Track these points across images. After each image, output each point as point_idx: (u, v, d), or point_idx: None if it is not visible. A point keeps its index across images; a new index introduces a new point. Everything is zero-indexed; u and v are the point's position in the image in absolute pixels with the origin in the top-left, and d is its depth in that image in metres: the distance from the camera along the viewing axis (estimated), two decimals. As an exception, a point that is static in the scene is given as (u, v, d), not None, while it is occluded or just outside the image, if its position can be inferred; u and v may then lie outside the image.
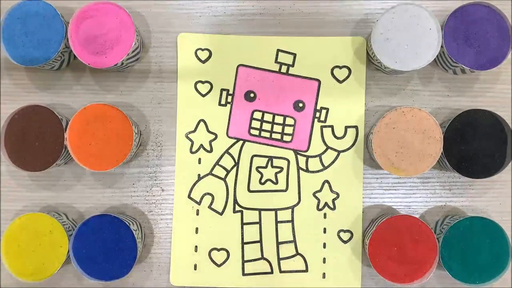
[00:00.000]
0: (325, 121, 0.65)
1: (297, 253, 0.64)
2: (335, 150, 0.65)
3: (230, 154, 0.65)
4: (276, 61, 0.65)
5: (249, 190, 0.65)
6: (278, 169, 0.65)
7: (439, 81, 0.65)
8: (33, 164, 0.60)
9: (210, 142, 0.65)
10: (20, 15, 0.60)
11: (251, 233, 0.65)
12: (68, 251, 0.60)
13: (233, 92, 0.65)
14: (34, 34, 0.60)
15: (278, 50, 0.65)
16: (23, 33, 0.60)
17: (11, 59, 0.60)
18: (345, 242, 0.64)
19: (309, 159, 0.65)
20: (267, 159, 0.65)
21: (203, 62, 0.65)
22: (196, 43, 0.65)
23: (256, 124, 0.65)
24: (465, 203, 0.65)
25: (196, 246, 0.65)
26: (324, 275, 0.64)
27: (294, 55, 0.65)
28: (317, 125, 0.65)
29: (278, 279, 0.64)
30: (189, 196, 0.65)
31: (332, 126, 0.65)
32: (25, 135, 0.60)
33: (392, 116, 0.60)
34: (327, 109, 0.65)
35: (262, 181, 0.65)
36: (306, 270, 0.64)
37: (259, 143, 0.65)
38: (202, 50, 0.65)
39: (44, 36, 0.60)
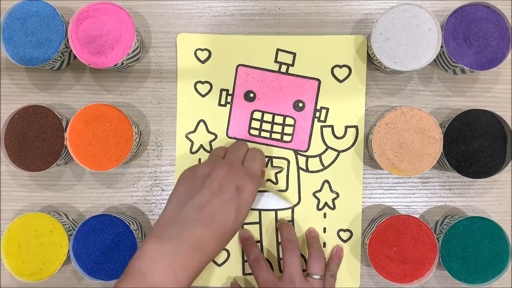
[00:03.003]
0: (325, 121, 0.65)
1: (297, 253, 0.65)
2: (335, 150, 0.65)
3: (230, 154, 0.65)
4: (275, 61, 0.65)
5: (249, 190, 0.65)
6: (278, 169, 0.65)
7: (439, 81, 0.65)
8: (33, 164, 0.60)
9: (210, 142, 0.65)
10: (20, 15, 0.60)
11: (251, 233, 0.65)
12: (68, 251, 0.60)
13: (233, 92, 0.65)
14: (34, 34, 0.60)
15: (278, 50, 0.65)
16: (23, 33, 0.60)
17: (11, 59, 0.60)
18: (344, 241, 0.65)
19: (309, 159, 0.65)
20: (267, 159, 0.65)
21: (203, 62, 0.65)
22: (196, 43, 0.65)
23: (256, 124, 0.65)
24: (465, 203, 0.65)
25: (196, 246, 0.65)
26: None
27: (294, 54, 0.65)
28: (317, 125, 0.65)
29: (278, 279, 0.64)
30: (189, 196, 0.65)
31: (332, 126, 0.65)
32: (25, 135, 0.60)
33: (392, 116, 0.60)
34: (327, 109, 0.65)
35: (262, 181, 0.65)
36: (305, 270, 0.64)
37: (259, 143, 0.65)
38: (202, 50, 0.65)
39: (44, 36, 0.60)
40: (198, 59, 0.65)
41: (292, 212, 0.65)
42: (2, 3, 0.65)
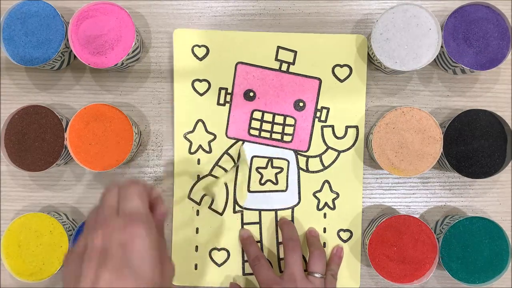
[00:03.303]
0: (325, 120, 0.65)
1: (297, 253, 0.64)
2: (335, 150, 0.65)
3: (229, 155, 0.65)
4: (276, 59, 0.65)
5: (249, 191, 0.65)
6: (278, 170, 0.65)
7: (439, 81, 0.65)
8: (33, 164, 0.60)
9: (209, 142, 0.65)
10: (20, 15, 0.60)
11: (252, 232, 0.65)
12: (68, 251, 0.60)
13: (232, 91, 0.65)
14: (34, 34, 0.60)
15: (278, 47, 0.65)
16: (23, 33, 0.60)
17: (11, 59, 0.60)
18: (344, 241, 0.65)
19: (309, 159, 0.65)
20: (267, 159, 0.65)
21: (200, 59, 0.65)
22: (193, 39, 0.65)
23: (256, 124, 0.65)
24: (465, 203, 0.65)
25: (196, 246, 0.65)
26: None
27: (295, 52, 0.65)
28: (318, 125, 0.65)
29: (278, 279, 0.64)
30: (189, 197, 0.65)
31: (332, 126, 0.65)
32: (25, 135, 0.60)
33: (392, 116, 0.60)
34: (328, 109, 0.65)
35: (262, 181, 0.65)
36: (306, 270, 0.64)
37: (259, 143, 0.65)
38: (199, 46, 0.65)
39: (44, 36, 0.60)
40: (195, 56, 0.65)
41: (292, 212, 0.65)
42: (2, 3, 0.65)
